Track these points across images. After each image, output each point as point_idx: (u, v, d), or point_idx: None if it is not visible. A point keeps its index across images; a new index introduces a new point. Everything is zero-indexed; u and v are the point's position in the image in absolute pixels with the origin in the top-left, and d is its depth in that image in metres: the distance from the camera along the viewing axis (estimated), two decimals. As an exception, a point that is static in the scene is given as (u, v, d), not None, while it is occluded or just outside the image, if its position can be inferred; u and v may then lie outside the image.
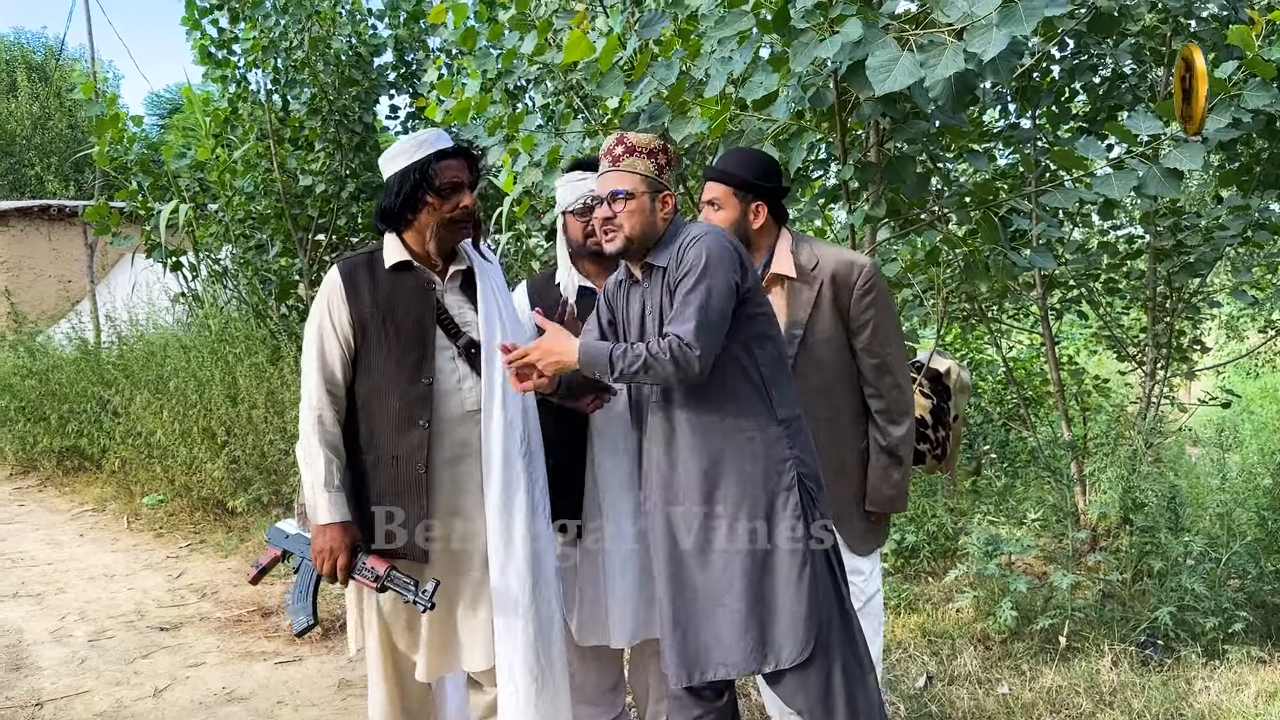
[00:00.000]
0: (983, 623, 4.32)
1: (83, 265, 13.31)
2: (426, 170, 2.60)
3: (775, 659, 2.48)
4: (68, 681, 4.08)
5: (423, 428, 2.62)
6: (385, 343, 2.64)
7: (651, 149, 2.59)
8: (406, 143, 2.64)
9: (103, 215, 7.70)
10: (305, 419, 2.64)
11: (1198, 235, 4.96)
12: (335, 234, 8.37)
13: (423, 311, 2.68)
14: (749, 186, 2.92)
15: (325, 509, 2.58)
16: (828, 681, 2.48)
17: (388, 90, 8.57)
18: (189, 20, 7.77)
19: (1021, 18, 2.47)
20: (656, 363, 2.36)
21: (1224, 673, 3.79)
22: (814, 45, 2.98)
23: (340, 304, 2.65)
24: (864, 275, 2.92)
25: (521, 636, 2.66)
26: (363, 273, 2.68)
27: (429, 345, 2.66)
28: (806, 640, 2.45)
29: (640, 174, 2.57)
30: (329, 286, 2.68)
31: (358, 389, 2.67)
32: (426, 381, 2.64)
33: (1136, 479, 4.74)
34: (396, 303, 2.66)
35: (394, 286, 2.67)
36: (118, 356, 8.27)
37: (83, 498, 7.58)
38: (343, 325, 2.64)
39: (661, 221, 2.58)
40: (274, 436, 6.32)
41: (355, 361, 2.67)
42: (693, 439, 2.54)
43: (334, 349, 2.64)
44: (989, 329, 6.04)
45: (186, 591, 5.24)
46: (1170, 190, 3.31)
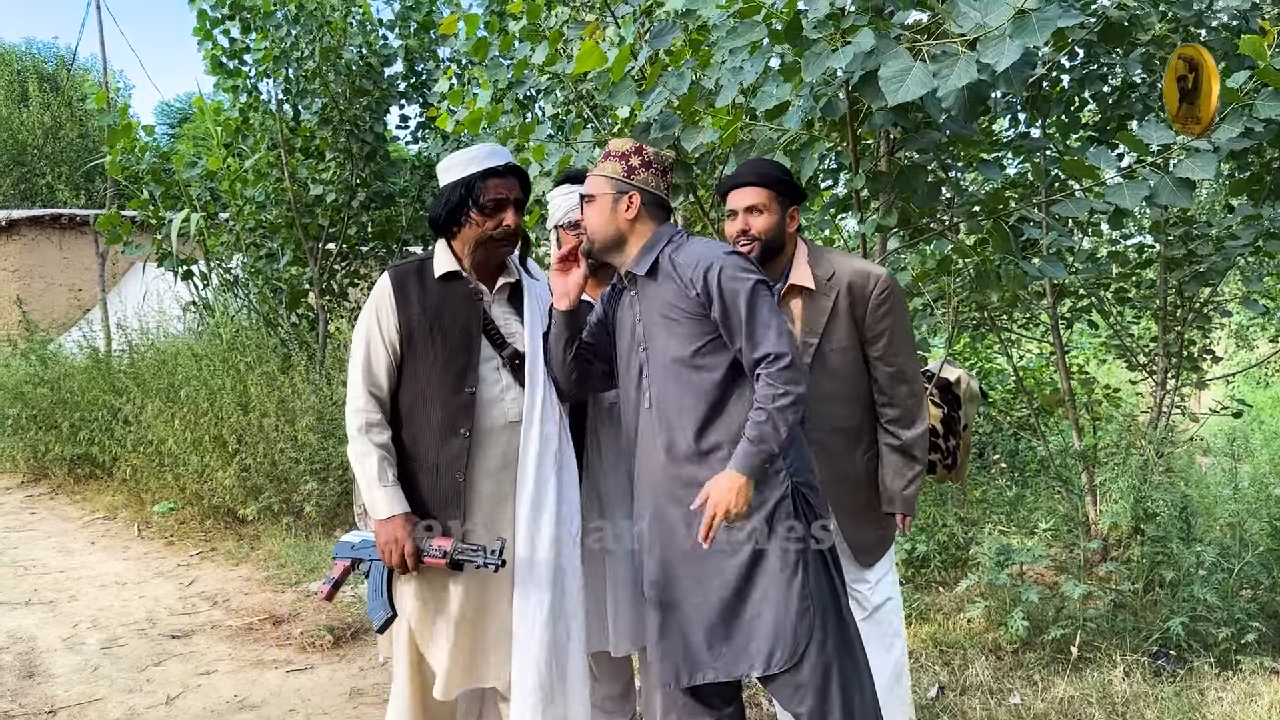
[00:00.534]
0: (994, 633, 4.31)
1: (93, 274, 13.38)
2: (473, 186, 2.65)
3: (766, 662, 2.50)
4: (80, 689, 4.10)
5: (464, 436, 2.65)
6: (431, 350, 2.68)
7: (624, 152, 2.63)
8: (462, 155, 2.68)
9: (114, 224, 7.73)
10: (352, 422, 2.68)
11: (1209, 244, 4.95)
12: (346, 243, 8.40)
13: (470, 320, 2.71)
14: (790, 191, 2.95)
15: (384, 503, 2.61)
16: (824, 684, 2.48)
17: (398, 100, 8.60)
18: (200, 30, 7.80)
19: (1035, 28, 2.47)
20: (785, 400, 2.43)
21: (1237, 684, 3.77)
22: (826, 55, 2.98)
23: (390, 312, 2.69)
24: (880, 285, 2.93)
25: (535, 650, 2.66)
26: (413, 281, 2.73)
27: (474, 354, 2.70)
28: (797, 644, 2.47)
29: (606, 176, 2.63)
30: (380, 294, 2.72)
31: (402, 396, 2.71)
32: (470, 390, 2.67)
33: (1148, 489, 4.73)
34: (444, 311, 2.70)
35: (443, 295, 2.72)
36: (129, 365, 8.31)
37: (94, 506, 7.61)
38: (390, 333, 2.69)
39: (624, 222, 2.61)
40: (285, 445, 6.34)
41: (400, 368, 2.71)
42: (688, 445, 2.56)
43: (380, 355, 2.69)
44: (999, 338, 6.02)
45: (198, 599, 5.26)
46: (1182, 200, 3.30)
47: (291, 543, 6.03)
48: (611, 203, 2.62)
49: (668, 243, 2.62)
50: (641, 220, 2.63)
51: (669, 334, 2.58)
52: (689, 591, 2.58)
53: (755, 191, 2.91)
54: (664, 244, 2.62)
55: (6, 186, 23.05)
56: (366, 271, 8.90)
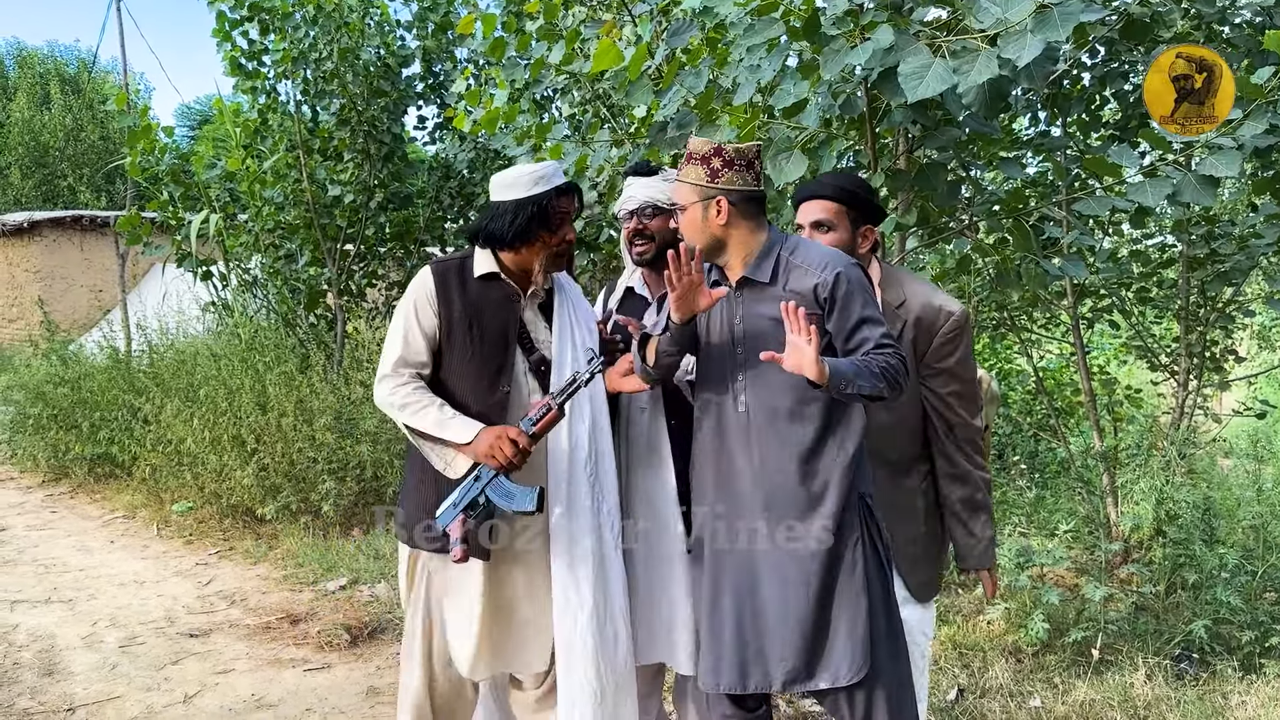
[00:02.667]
0: (1014, 635, 4.27)
1: (114, 275, 13.48)
2: (546, 207, 2.65)
3: (833, 676, 2.47)
4: (99, 687, 4.11)
5: None
6: (470, 346, 2.70)
7: (704, 154, 2.51)
8: (526, 174, 2.66)
9: (134, 225, 7.77)
10: (398, 393, 2.66)
11: (1232, 244, 4.90)
12: (364, 244, 8.42)
13: (507, 322, 2.74)
14: (863, 207, 2.81)
15: (461, 429, 2.60)
16: (870, 701, 2.47)
17: (415, 101, 8.62)
18: (219, 32, 7.84)
19: (1056, 23, 2.45)
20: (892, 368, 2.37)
21: (1261, 687, 3.73)
22: (845, 52, 2.96)
23: (431, 303, 2.71)
24: (951, 324, 2.77)
25: (580, 650, 2.66)
26: (454, 277, 2.75)
27: (509, 355, 2.73)
28: (864, 661, 2.44)
29: (690, 183, 2.53)
30: (422, 285, 2.73)
31: (435, 391, 2.71)
32: (505, 390, 2.70)
33: (1171, 490, 4.68)
34: (484, 310, 2.73)
35: (482, 295, 2.74)
36: (148, 365, 8.36)
37: (113, 505, 7.65)
38: (430, 324, 2.70)
39: (718, 228, 2.51)
40: (303, 445, 6.35)
41: (435, 363, 2.72)
42: (774, 454, 2.52)
43: (418, 340, 2.70)
44: (1019, 338, 5.98)
45: (216, 598, 5.28)
46: (1206, 198, 3.26)
47: (309, 542, 6.04)
48: (701, 211, 2.51)
49: (781, 246, 2.54)
50: (734, 223, 2.51)
51: (777, 340, 2.45)
52: (769, 599, 2.53)
53: (825, 206, 2.78)
54: (778, 248, 2.54)
55: (29, 188, 23.29)
56: (384, 272, 8.92)
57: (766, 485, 2.52)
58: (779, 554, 2.51)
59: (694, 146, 2.54)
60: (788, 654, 2.49)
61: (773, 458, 2.51)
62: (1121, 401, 5.94)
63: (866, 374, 2.35)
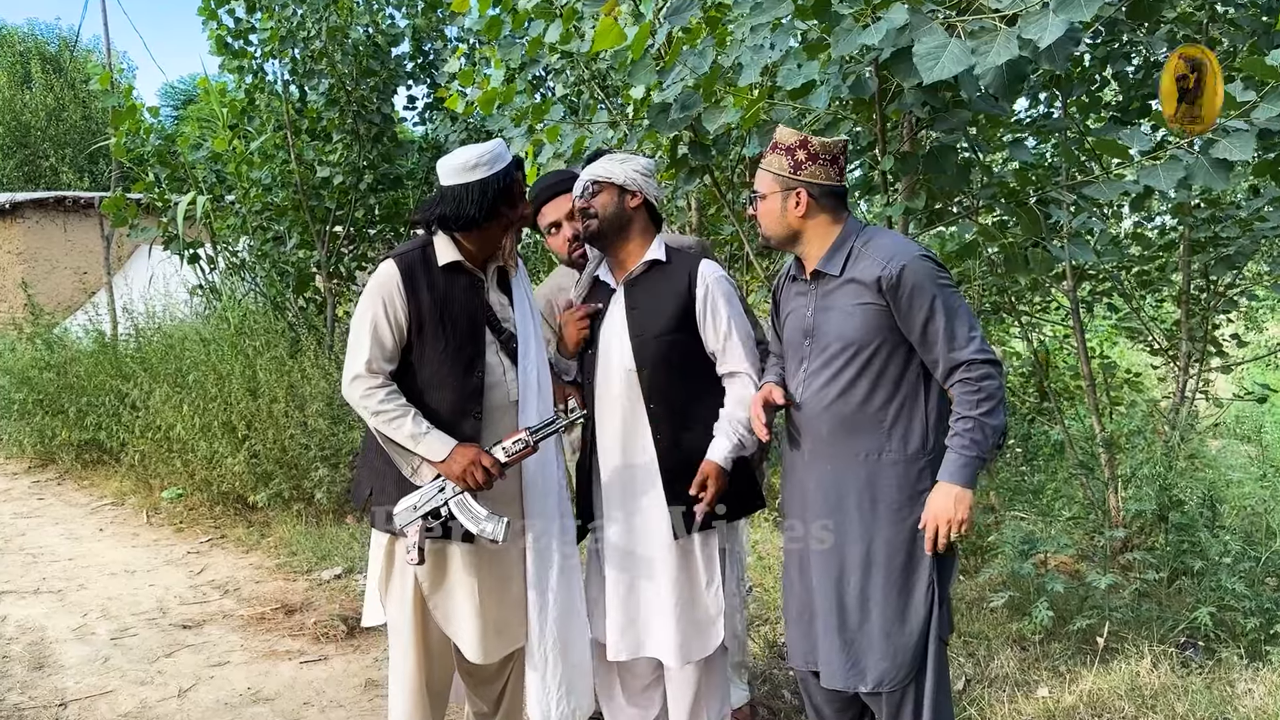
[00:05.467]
0: (1018, 623, 4.23)
1: (98, 257, 13.32)
2: (510, 183, 2.69)
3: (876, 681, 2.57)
4: (91, 681, 4.04)
5: (476, 418, 2.73)
6: (442, 337, 2.72)
7: (790, 145, 2.55)
8: (484, 154, 2.67)
9: (120, 207, 7.63)
10: (370, 398, 2.67)
11: (1235, 227, 4.85)
12: (353, 225, 8.31)
13: (475, 309, 2.77)
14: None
15: (436, 444, 2.64)
16: (918, 707, 2.57)
17: (405, 81, 8.49)
18: (205, 10, 7.69)
19: (1081, 3, 2.38)
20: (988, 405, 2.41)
21: (1268, 675, 3.69)
22: (857, 32, 2.89)
23: (400, 297, 2.70)
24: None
25: (551, 612, 2.80)
26: (420, 269, 2.75)
27: (480, 342, 2.76)
28: (911, 668, 2.55)
29: (773, 173, 2.58)
30: (386, 280, 2.72)
31: (410, 381, 2.74)
32: (479, 375, 2.74)
33: (1174, 475, 4.64)
34: (452, 301, 2.75)
35: (449, 284, 2.76)
36: (136, 349, 8.23)
37: (101, 491, 7.55)
38: (398, 319, 2.71)
39: (796, 219, 2.56)
40: (295, 431, 6.26)
41: (405, 354, 2.74)
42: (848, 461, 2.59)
43: (388, 337, 2.70)
44: (1018, 321, 5.93)
45: (208, 588, 5.20)
46: (1219, 181, 3.21)
47: (303, 530, 5.96)
48: (780, 201, 2.56)
49: (855, 237, 2.56)
50: (812, 215, 2.56)
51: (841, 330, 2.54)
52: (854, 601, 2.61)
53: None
54: (852, 240, 2.56)
55: (10, 169, 22.99)
56: (374, 254, 8.80)
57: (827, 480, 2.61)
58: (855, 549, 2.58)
59: (780, 137, 2.58)
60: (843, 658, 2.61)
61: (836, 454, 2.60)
62: (1122, 385, 5.90)
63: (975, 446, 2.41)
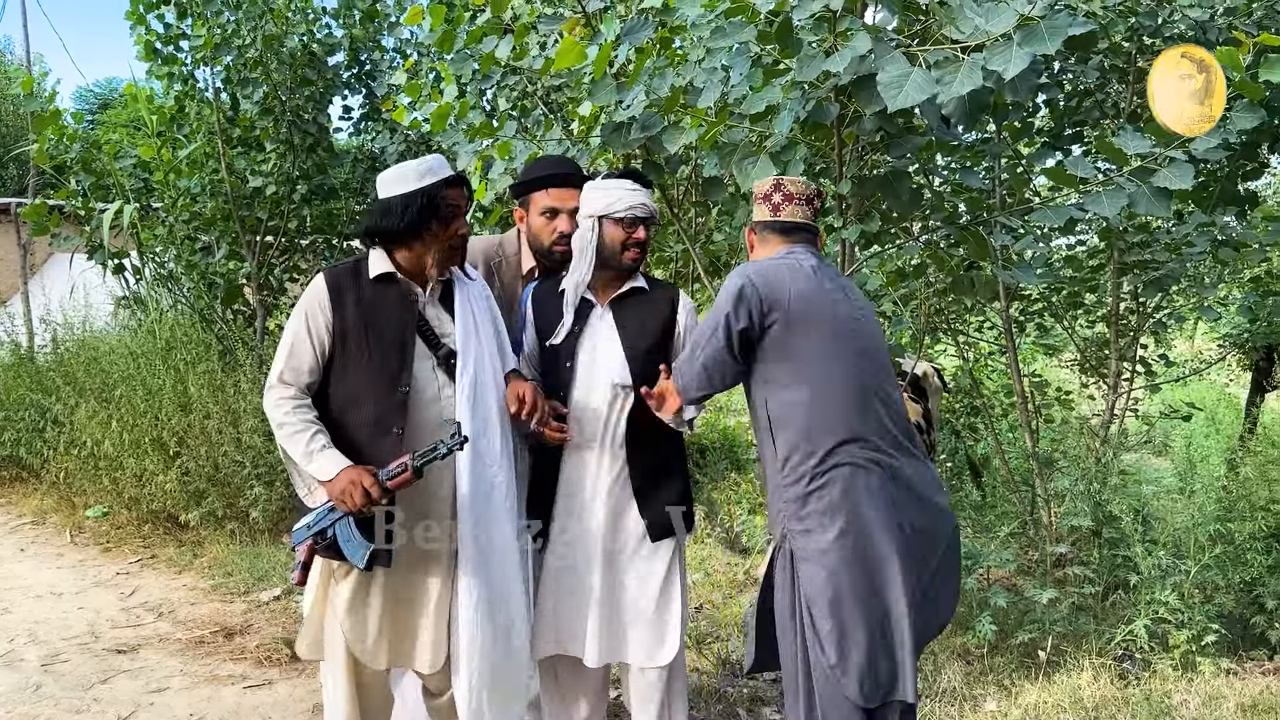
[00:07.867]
0: (961, 636, 4.32)
1: (9, 263, 12.82)
2: (435, 198, 2.67)
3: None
4: (23, 710, 3.87)
5: (396, 435, 2.67)
6: (365, 350, 2.69)
7: (765, 193, 2.79)
8: (412, 167, 2.68)
9: (41, 215, 7.37)
10: (279, 409, 2.67)
11: (1164, 251, 5.03)
12: (285, 237, 8.15)
13: (404, 322, 2.73)
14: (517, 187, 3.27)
15: (327, 464, 2.60)
16: None
17: (341, 90, 8.36)
18: (133, 15, 7.47)
19: (1044, 36, 2.45)
20: None
21: (1201, 685, 3.83)
22: (820, 59, 2.94)
23: (323, 312, 2.70)
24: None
25: (480, 639, 2.71)
26: (348, 282, 2.74)
27: (408, 355, 2.72)
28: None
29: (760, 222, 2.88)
30: (314, 294, 2.72)
31: (332, 394, 2.72)
32: (404, 390, 2.69)
33: (1107, 491, 4.79)
34: (379, 313, 2.72)
35: (377, 297, 2.73)
36: (57, 362, 7.93)
37: (20, 510, 7.25)
38: (321, 333, 2.70)
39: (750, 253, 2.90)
40: (228, 448, 6.10)
41: (329, 368, 2.72)
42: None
43: (306, 353, 2.69)
44: (955, 340, 6.06)
45: (141, 610, 5.02)
46: (1160, 209, 3.33)
47: (238, 550, 5.81)
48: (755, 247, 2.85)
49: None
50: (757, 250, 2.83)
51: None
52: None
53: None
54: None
55: (-88, 172, 22.04)
56: (307, 266, 8.64)
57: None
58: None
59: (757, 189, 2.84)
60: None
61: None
62: (1053, 404, 6.07)
63: None
